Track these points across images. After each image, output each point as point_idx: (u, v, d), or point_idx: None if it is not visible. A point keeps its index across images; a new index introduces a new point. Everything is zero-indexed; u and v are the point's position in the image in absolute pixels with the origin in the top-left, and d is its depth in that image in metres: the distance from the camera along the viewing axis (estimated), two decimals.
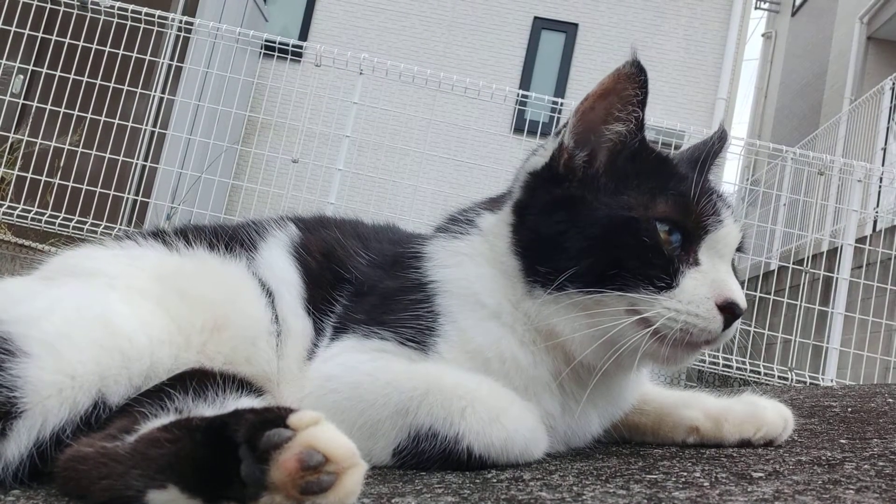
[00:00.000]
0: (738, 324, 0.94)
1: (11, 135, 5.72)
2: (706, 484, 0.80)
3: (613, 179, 0.95)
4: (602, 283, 0.90)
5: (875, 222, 7.55)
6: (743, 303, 0.92)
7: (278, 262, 1.07)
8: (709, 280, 0.92)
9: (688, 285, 0.91)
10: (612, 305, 0.90)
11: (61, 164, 5.75)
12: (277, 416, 0.66)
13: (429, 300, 0.97)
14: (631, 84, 0.92)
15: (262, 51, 6.52)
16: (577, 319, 0.92)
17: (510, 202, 1.01)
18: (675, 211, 0.92)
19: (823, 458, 0.95)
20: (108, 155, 5.73)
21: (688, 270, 0.92)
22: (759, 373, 5.55)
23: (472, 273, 0.99)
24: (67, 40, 5.75)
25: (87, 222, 5.51)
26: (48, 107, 5.77)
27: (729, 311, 0.91)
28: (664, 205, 0.93)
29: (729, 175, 7.04)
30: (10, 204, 5.55)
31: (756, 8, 14.66)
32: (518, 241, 0.97)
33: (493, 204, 1.05)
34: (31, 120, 5.85)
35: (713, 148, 1.10)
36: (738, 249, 1.01)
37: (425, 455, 0.88)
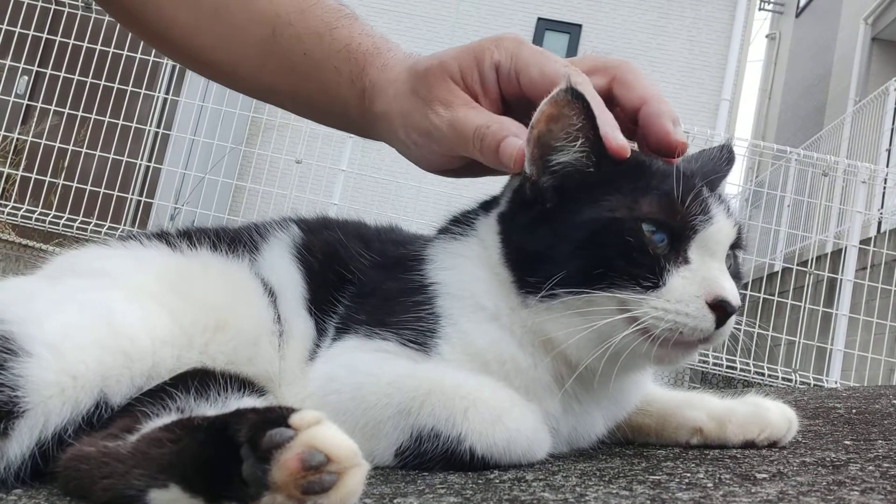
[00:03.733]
0: (732, 322, 0.92)
1: (16, 135, 5.74)
2: (710, 485, 0.80)
3: (591, 189, 0.93)
4: (591, 283, 0.89)
5: (879, 224, 7.53)
6: (735, 300, 0.90)
7: (280, 262, 1.07)
8: (699, 278, 0.91)
9: (676, 284, 0.90)
10: (603, 305, 0.90)
11: (65, 164, 5.76)
12: (279, 416, 0.66)
13: (430, 302, 0.97)
14: (571, 109, 0.90)
15: None
16: (570, 320, 0.91)
17: (496, 210, 1.00)
18: (660, 210, 0.91)
19: (828, 459, 0.95)
20: (111, 156, 5.75)
21: (676, 269, 0.91)
22: (762, 374, 5.54)
23: (472, 276, 0.99)
24: (72, 41, 5.77)
25: (90, 223, 5.52)
26: (52, 107, 5.78)
27: (720, 309, 0.90)
28: (648, 205, 0.91)
29: (733, 176, 7.02)
30: (15, 204, 5.57)
31: (760, 9, 14.65)
32: (507, 254, 0.97)
33: (492, 204, 1.05)
34: (36, 121, 5.86)
35: (721, 168, 1.08)
36: (737, 246, 0.99)
37: (427, 455, 0.88)
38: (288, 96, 1.20)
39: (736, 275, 0.99)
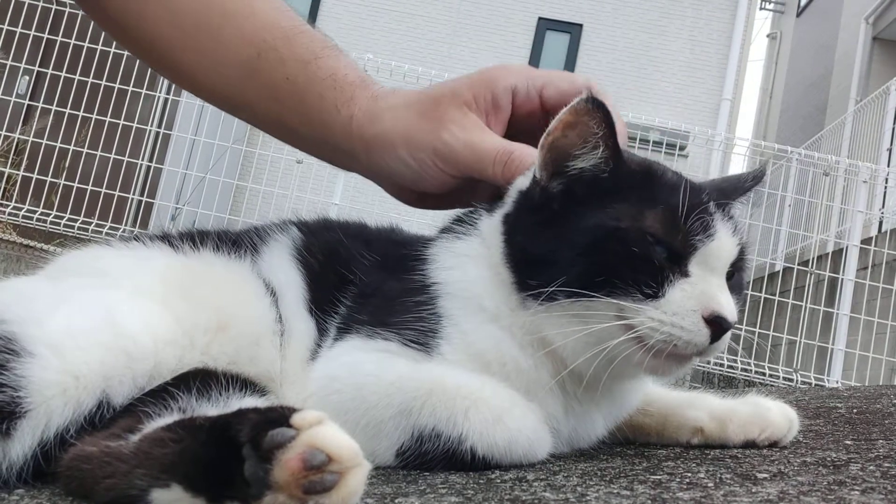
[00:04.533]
0: (727, 337, 0.92)
1: (17, 135, 5.74)
2: (710, 484, 0.80)
3: (599, 196, 0.94)
4: (591, 288, 0.90)
5: (880, 223, 7.53)
6: (732, 317, 0.90)
7: (282, 263, 1.07)
8: (697, 292, 0.91)
9: (675, 297, 0.90)
10: (602, 311, 0.90)
11: (66, 164, 5.77)
12: (281, 416, 0.66)
13: (431, 302, 0.97)
14: (590, 118, 0.91)
15: None
16: (568, 326, 0.92)
17: (501, 211, 1.01)
18: (662, 225, 0.92)
19: (828, 459, 0.95)
20: (112, 156, 5.75)
21: (676, 282, 0.91)
22: (763, 374, 5.54)
23: (473, 275, 0.99)
24: (73, 41, 5.76)
25: (91, 223, 5.52)
26: (53, 107, 5.78)
27: (716, 324, 0.90)
28: (652, 218, 0.92)
29: None
30: (16, 204, 5.57)
31: (761, 9, 14.65)
32: (509, 255, 0.97)
33: (496, 204, 1.05)
34: (36, 120, 5.86)
35: (745, 184, 1.08)
36: (739, 265, 0.98)
37: (429, 455, 0.88)
38: (266, 119, 1.23)
39: (738, 287, 0.99)
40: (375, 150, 1.11)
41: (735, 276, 0.99)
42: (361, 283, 1.04)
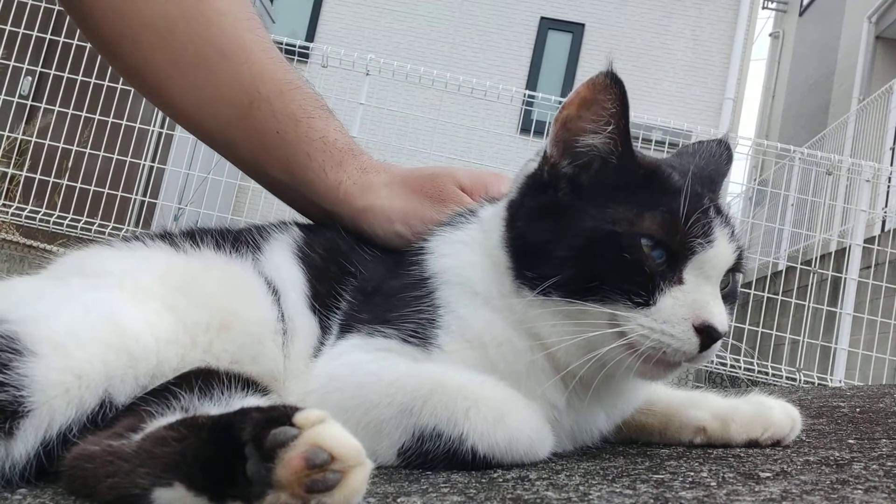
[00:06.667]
0: (717, 346, 0.92)
1: (20, 135, 5.75)
2: (713, 484, 0.80)
3: (602, 190, 0.94)
4: (584, 293, 0.90)
5: (883, 222, 7.52)
6: (722, 327, 0.90)
7: (283, 261, 1.07)
8: (689, 300, 0.90)
9: (666, 304, 0.90)
10: (594, 318, 0.91)
11: (69, 165, 5.77)
12: (283, 415, 0.66)
13: (429, 295, 0.98)
14: (607, 95, 0.91)
15: None
16: (561, 327, 0.92)
17: (506, 199, 1.01)
18: (660, 228, 0.91)
19: (831, 458, 0.95)
20: (115, 156, 5.75)
21: (669, 289, 0.90)
22: (767, 373, 5.53)
23: (467, 260, 1.00)
24: (75, 42, 5.77)
25: (94, 223, 5.52)
26: (56, 108, 5.79)
27: (705, 333, 0.90)
28: (650, 221, 0.91)
29: (737, 175, 7.02)
30: (19, 205, 5.58)
31: (763, 8, 14.62)
32: (509, 238, 0.97)
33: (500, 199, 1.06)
34: (38, 121, 5.87)
35: (723, 167, 1.08)
36: (736, 270, 0.98)
37: (430, 455, 0.88)
38: (249, 163, 1.25)
39: (732, 294, 0.99)
40: (366, 219, 1.15)
41: (731, 282, 0.99)
42: (362, 280, 1.05)
